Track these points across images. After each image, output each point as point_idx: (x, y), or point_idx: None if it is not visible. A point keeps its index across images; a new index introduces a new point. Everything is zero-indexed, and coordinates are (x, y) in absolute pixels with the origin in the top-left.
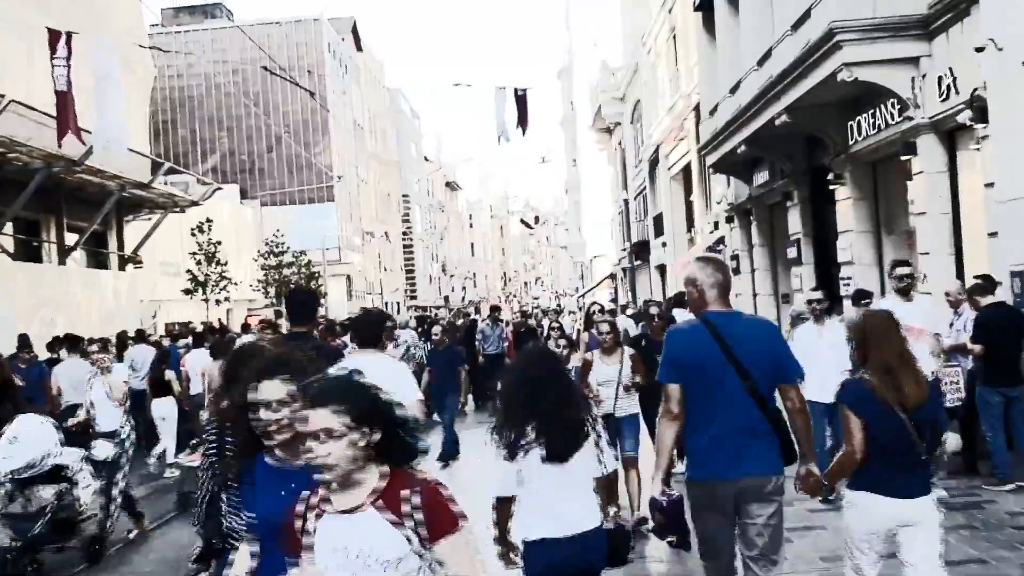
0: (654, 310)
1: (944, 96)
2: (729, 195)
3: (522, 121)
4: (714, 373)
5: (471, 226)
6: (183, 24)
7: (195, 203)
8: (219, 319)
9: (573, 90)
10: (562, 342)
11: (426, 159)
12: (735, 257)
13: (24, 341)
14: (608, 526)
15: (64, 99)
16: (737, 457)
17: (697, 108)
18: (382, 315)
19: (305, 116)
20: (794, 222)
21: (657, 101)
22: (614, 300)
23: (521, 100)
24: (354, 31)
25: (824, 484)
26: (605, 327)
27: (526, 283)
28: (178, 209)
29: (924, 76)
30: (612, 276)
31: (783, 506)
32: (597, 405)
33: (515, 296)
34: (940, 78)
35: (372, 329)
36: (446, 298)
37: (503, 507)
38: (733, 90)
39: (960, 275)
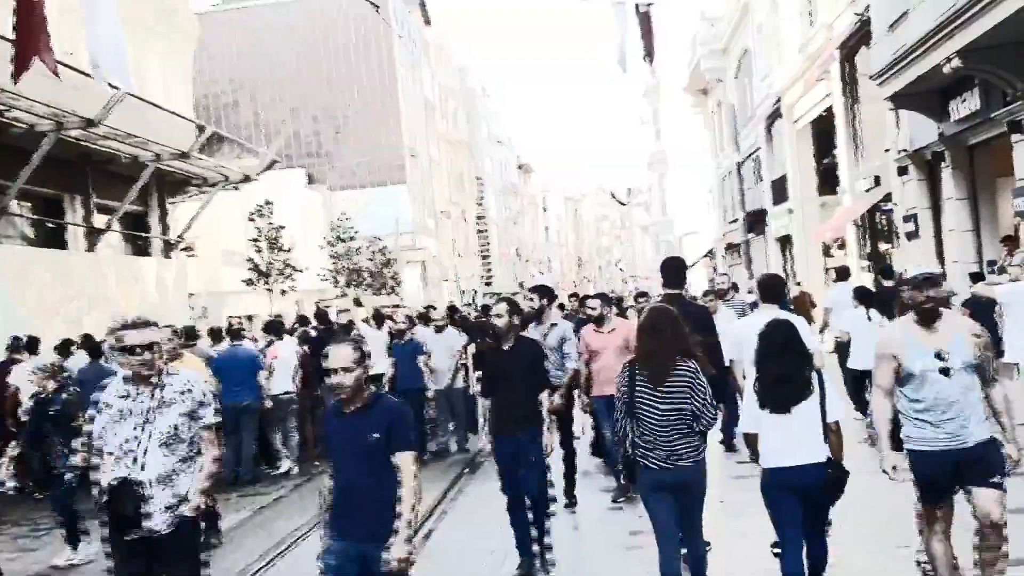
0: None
1: None
2: (901, 140)
3: (648, 45)
4: None
5: (544, 209)
6: (244, 1)
7: (248, 178)
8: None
9: (658, 52)
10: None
11: (499, 141)
12: (911, 218)
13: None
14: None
15: (29, 11)
16: None
17: (854, 36)
18: (781, 278)
19: (374, 95)
20: None
21: (780, 43)
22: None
23: (645, 19)
24: (421, 4)
25: None
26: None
27: (600, 267)
28: (231, 186)
29: None
30: (710, 254)
31: None
32: None
33: (589, 280)
34: None
35: (778, 289)
36: (522, 284)
37: (751, 439)
38: None
39: None
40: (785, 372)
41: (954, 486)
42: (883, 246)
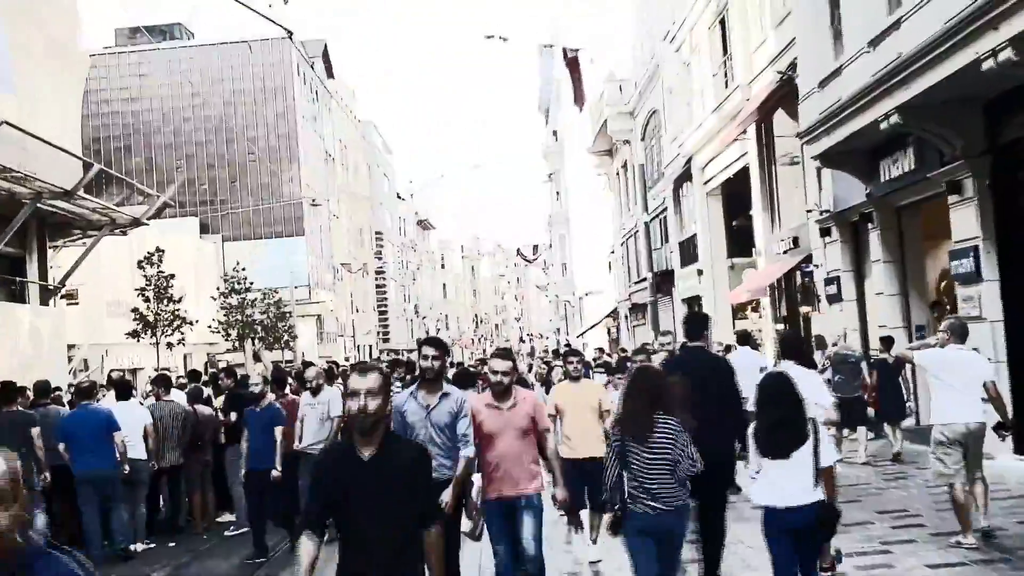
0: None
1: None
2: (824, 201)
3: (577, 90)
4: None
5: (443, 266)
6: (138, 44)
7: (137, 222)
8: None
9: (559, 116)
10: None
11: (398, 196)
12: (833, 280)
13: None
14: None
15: None
16: None
17: (773, 95)
18: (801, 336)
19: (272, 143)
20: (966, 223)
21: (691, 104)
22: (614, 342)
23: (573, 64)
24: (325, 56)
25: None
26: None
27: (496, 325)
28: (119, 230)
29: None
30: (614, 314)
31: None
32: None
33: (487, 339)
34: None
35: (797, 345)
36: (419, 340)
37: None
38: (875, 42)
39: None
40: (782, 418)
41: None
42: (803, 309)
